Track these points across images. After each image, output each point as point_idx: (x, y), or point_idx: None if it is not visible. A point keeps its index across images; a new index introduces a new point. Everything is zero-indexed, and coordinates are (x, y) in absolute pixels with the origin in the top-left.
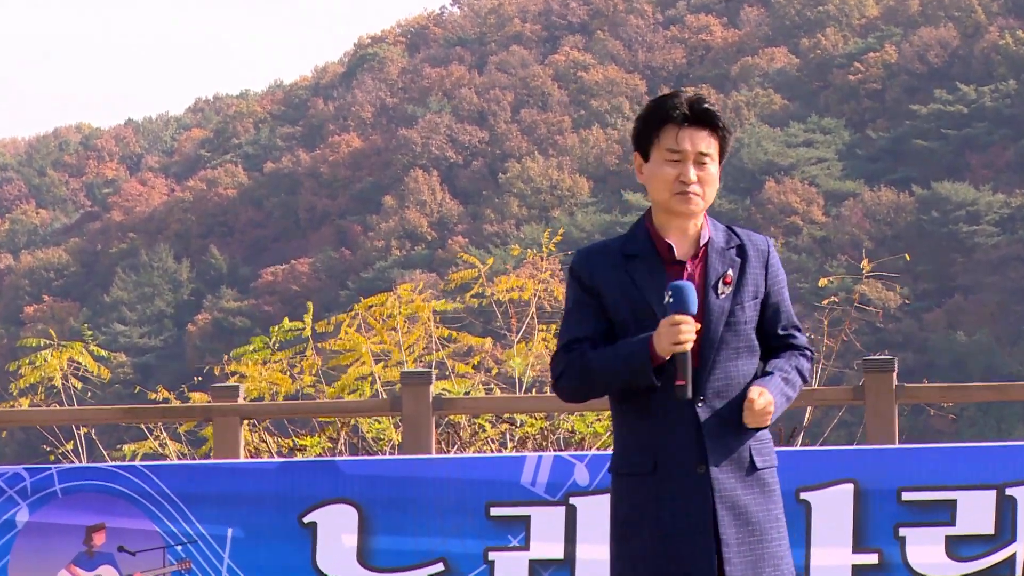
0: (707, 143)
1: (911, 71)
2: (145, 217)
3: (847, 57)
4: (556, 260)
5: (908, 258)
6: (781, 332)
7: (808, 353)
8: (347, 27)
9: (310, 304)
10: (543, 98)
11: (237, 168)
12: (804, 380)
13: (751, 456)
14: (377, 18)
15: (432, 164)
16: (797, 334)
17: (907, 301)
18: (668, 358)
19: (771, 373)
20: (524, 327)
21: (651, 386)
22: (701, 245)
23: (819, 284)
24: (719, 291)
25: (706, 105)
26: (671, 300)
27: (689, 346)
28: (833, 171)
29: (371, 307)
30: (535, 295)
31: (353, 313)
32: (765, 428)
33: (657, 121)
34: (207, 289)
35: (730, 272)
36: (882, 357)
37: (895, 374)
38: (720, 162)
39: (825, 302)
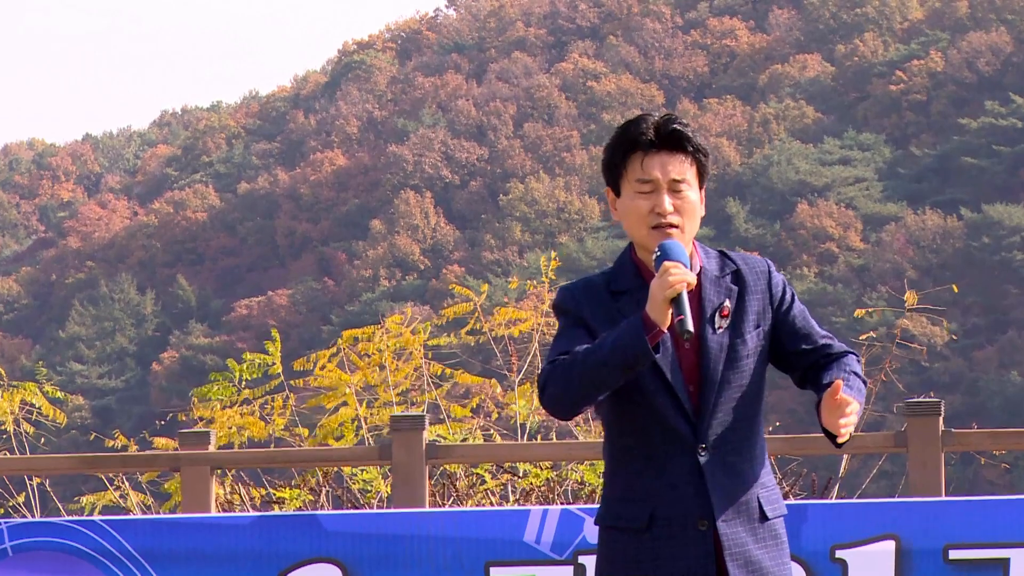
0: (680, 169)
1: (959, 80)
2: (105, 244)
3: (888, 65)
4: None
5: (956, 289)
6: (808, 347)
7: (853, 357)
8: (330, 32)
9: (275, 332)
10: (549, 111)
11: (208, 189)
12: (864, 383)
13: (760, 505)
14: (364, 22)
15: (425, 184)
16: (830, 342)
17: (955, 337)
18: (665, 325)
19: (829, 383)
20: (526, 366)
21: (648, 359)
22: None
23: (856, 315)
24: (716, 325)
25: (674, 126)
26: (659, 255)
27: (683, 287)
28: (873, 192)
29: (355, 341)
30: (537, 328)
31: (335, 349)
32: (770, 465)
33: (622, 150)
34: (174, 324)
35: (727, 303)
36: (927, 399)
37: (941, 419)
38: (700, 188)
39: (863, 338)
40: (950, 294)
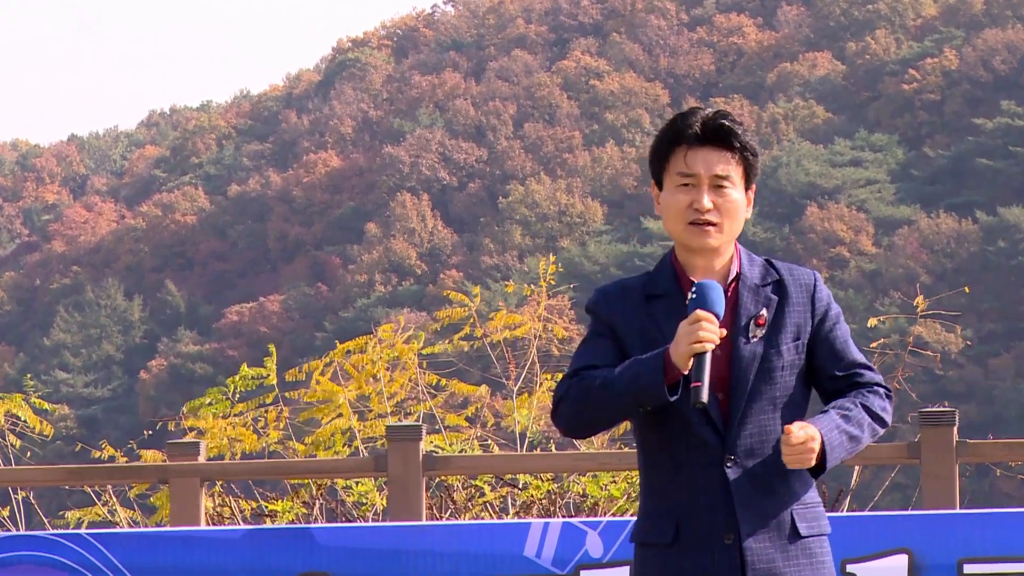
0: (724, 165)
1: (974, 79)
2: (91, 248)
3: (900, 63)
4: (564, 297)
5: (968, 290)
6: (839, 373)
7: (880, 390)
8: (324, 29)
9: (272, 347)
10: (550, 110)
11: (197, 191)
12: (878, 419)
13: (793, 521)
14: (359, 18)
15: (422, 186)
16: (863, 371)
17: (970, 344)
18: (685, 372)
19: (826, 411)
20: (524, 374)
21: (662, 406)
22: (730, 281)
23: (868, 324)
24: (750, 333)
25: (722, 121)
26: (694, 297)
27: (710, 347)
28: (885, 195)
29: (349, 353)
30: (534, 335)
31: (328, 360)
32: (814, 481)
33: (667, 143)
34: (162, 331)
35: (764, 312)
36: (941, 409)
37: (956, 429)
38: (747, 188)
39: (875, 345)
40: (965, 300)
